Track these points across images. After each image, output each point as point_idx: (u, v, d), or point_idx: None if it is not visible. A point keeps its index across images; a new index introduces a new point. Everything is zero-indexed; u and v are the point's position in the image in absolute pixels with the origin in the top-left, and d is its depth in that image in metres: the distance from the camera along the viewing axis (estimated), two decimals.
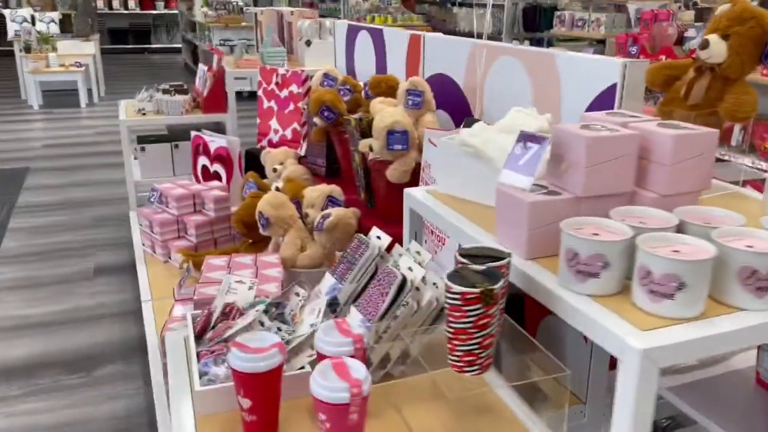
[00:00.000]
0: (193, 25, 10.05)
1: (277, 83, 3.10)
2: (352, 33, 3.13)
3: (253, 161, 3.20)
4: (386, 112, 1.94)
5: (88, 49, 7.50)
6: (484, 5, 9.75)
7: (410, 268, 1.10)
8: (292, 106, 3.10)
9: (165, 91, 3.53)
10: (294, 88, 3.06)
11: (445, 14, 10.33)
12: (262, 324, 1.16)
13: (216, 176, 3.13)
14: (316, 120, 2.41)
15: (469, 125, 1.40)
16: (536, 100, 1.74)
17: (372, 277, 1.18)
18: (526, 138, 1.04)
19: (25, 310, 2.69)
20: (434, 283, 1.12)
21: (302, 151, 2.91)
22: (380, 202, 2.11)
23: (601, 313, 0.83)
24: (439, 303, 1.11)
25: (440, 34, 2.42)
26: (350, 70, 3.17)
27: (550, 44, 6.48)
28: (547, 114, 1.35)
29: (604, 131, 1.00)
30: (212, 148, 3.11)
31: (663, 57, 3.47)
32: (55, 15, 8.25)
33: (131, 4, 12.65)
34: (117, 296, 2.81)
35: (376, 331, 1.09)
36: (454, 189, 1.32)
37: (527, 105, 1.72)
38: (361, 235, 1.25)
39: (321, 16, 4.56)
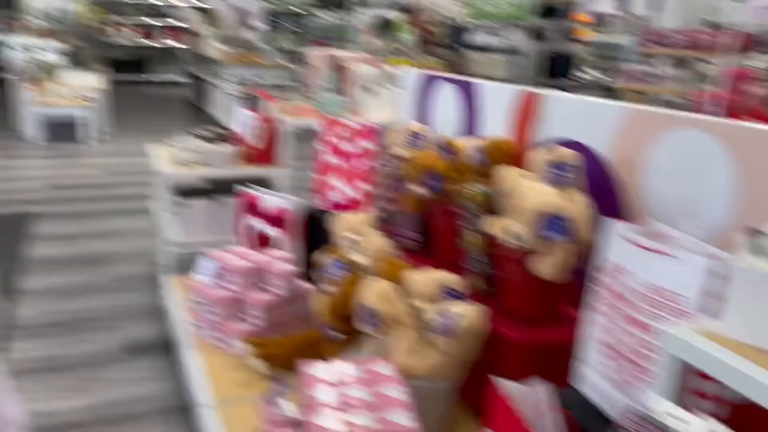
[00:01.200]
0: (200, 59, 9.75)
1: (343, 136, 2.74)
2: (427, 83, 2.79)
3: (311, 225, 2.81)
4: (538, 190, 1.57)
5: (95, 81, 7.12)
6: (502, 51, 9.59)
7: None
8: (360, 163, 2.73)
9: (206, 139, 3.15)
10: (365, 143, 2.70)
11: (459, 58, 10.15)
12: None
13: (268, 240, 2.73)
14: (415, 188, 2.04)
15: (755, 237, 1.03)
16: (746, 197, 1.38)
17: None
18: None
19: (48, 403, 2.24)
20: None
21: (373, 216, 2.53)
22: (512, 297, 1.73)
23: None
24: None
25: (567, 94, 2.08)
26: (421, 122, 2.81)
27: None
28: None
29: None
30: (268, 208, 2.72)
31: (751, 118, 3.19)
32: (59, 45, 7.88)
33: (127, 33, 12.38)
34: (156, 386, 2.37)
35: None
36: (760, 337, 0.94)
37: (725, 201, 1.36)
38: None
39: None
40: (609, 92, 5.78)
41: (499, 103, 2.27)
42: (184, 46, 11.58)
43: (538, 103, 2.07)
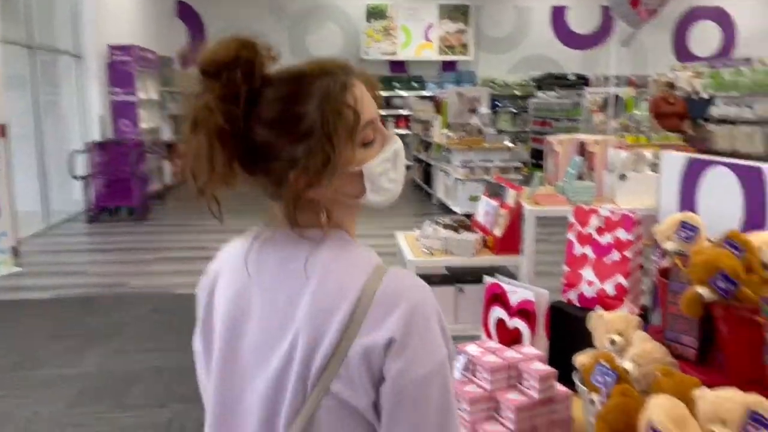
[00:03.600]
0: (427, 144, 10.27)
1: (598, 227, 2.57)
2: (694, 168, 2.52)
3: (557, 319, 2.65)
4: None
5: None
6: (753, 122, 8.60)
7: None
8: (616, 256, 2.53)
9: (448, 227, 3.20)
10: (622, 233, 2.51)
11: (698, 131, 9.31)
12: None
13: (515, 334, 2.61)
14: (701, 290, 1.79)
15: None
16: None
17: None
18: None
19: None
20: None
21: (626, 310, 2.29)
22: None
23: None
24: None
25: None
26: None
27: None
28: None
29: None
30: (513, 299, 2.62)
31: None
32: None
33: None
34: None
35: None
36: None
37: None
38: None
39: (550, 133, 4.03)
40: None
41: None
42: (411, 133, 12.36)
43: None
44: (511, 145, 8.06)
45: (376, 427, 0.88)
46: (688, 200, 2.56)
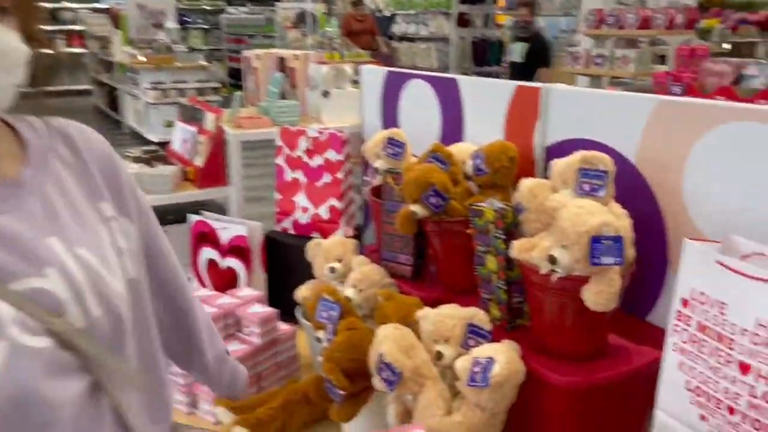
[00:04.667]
0: (109, 65, 9.02)
1: (307, 149, 2.41)
2: (394, 82, 2.50)
3: (273, 251, 2.48)
4: (587, 209, 1.32)
5: None
6: (428, 39, 9.42)
7: None
8: (328, 178, 2.41)
9: (139, 160, 2.73)
10: (332, 154, 2.38)
11: (389, 48, 9.90)
12: None
13: (229, 275, 2.37)
14: (414, 207, 1.75)
15: None
16: None
17: None
18: None
19: None
20: None
21: (342, 234, 2.24)
22: (552, 332, 1.47)
23: None
24: None
25: (576, 88, 1.84)
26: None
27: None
28: None
29: None
30: (224, 236, 2.36)
31: (721, 98, 3.10)
32: None
33: None
34: None
35: None
36: None
37: None
38: None
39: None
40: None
41: (488, 101, 2.02)
42: (87, 52, 10.70)
43: (539, 99, 1.82)
44: (206, 63, 7.48)
45: None
46: (390, 115, 2.54)
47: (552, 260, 1.34)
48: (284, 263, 2.43)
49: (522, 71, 6.69)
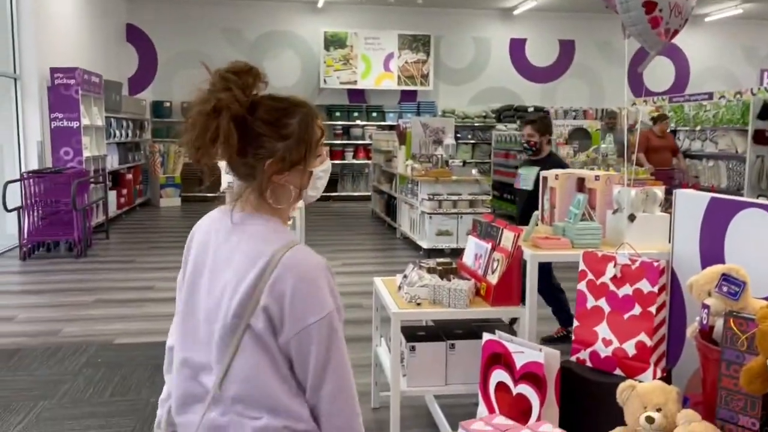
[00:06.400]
0: (391, 176, 9.94)
1: (614, 276, 2.23)
2: (720, 210, 2.22)
3: (568, 383, 2.28)
4: None
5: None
6: (717, 157, 8.58)
7: None
8: (637, 310, 2.19)
9: (432, 271, 2.82)
10: (644, 284, 2.17)
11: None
12: None
13: (521, 402, 2.23)
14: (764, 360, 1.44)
15: None
16: None
17: None
18: None
19: None
20: None
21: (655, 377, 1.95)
22: None
23: None
24: None
25: None
26: (710, 263, 2.21)
27: None
28: None
29: None
30: (518, 361, 2.24)
31: None
32: None
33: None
34: None
35: None
36: None
37: None
38: None
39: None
40: None
41: None
42: (371, 163, 12.02)
43: None
44: (479, 177, 7.79)
45: (280, 362, 1.29)
46: (712, 246, 2.25)
47: None
48: (581, 399, 2.22)
49: None
